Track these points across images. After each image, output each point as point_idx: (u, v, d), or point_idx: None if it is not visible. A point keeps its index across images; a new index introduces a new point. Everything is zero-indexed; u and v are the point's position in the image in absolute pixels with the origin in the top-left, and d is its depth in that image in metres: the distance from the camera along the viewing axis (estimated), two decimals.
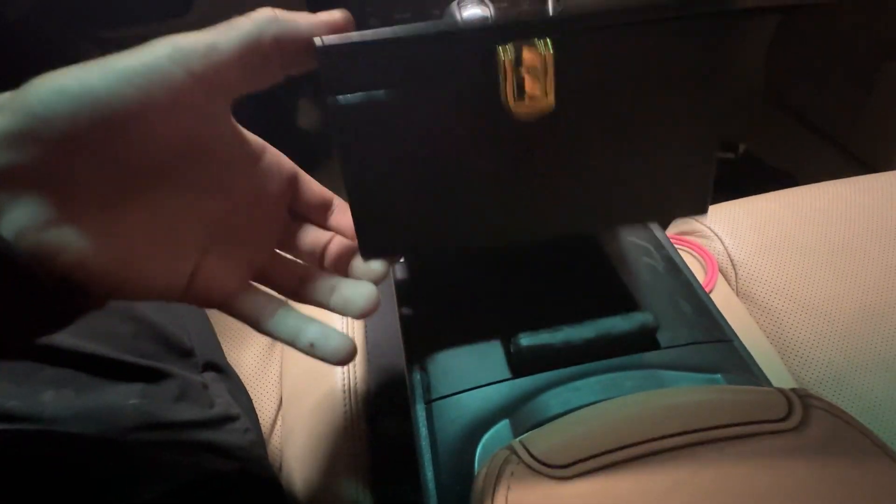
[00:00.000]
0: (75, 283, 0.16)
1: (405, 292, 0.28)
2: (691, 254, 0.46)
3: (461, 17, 0.39)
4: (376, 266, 0.22)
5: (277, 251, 0.24)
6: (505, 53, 0.18)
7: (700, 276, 0.45)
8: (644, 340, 0.25)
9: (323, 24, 0.18)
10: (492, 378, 0.24)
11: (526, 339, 0.24)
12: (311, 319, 0.21)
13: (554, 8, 0.19)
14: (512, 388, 0.24)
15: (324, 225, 0.24)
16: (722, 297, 0.43)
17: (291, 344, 0.21)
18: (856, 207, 0.48)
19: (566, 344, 0.24)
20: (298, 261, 0.24)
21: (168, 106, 0.16)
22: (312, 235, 0.24)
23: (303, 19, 0.18)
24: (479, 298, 0.27)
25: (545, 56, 0.18)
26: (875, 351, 0.40)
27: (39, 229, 0.15)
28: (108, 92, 0.15)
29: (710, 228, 0.47)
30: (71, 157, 0.15)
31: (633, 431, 0.17)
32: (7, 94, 0.14)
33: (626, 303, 0.26)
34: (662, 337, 0.25)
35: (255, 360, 0.43)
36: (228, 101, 0.18)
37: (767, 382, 0.24)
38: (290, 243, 0.24)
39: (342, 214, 0.24)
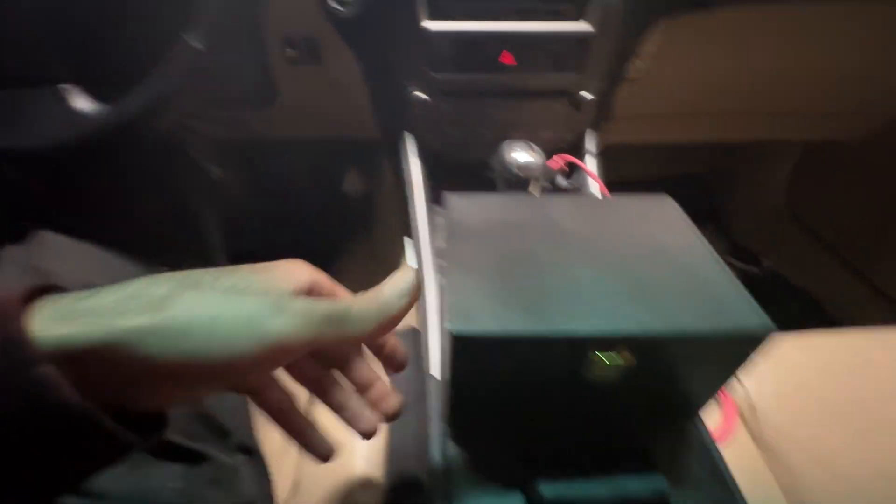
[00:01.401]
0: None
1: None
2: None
3: (509, 159, 0.44)
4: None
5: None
6: (594, 357, 0.23)
7: (717, 417, 0.45)
8: None
9: (383, 328, 0.22)
10: None
11: (547, 490, 0.25)
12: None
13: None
14: None
15: None
16: (740, 445, 0.43)
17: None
18: (877, 364, 0.48)
19: (583, 501, 0.25)
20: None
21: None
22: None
23: (372, 317, 0.21)
24: (502, 439, 0.29)
25: (623, 359, 0.23)
26: None
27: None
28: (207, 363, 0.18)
29: None
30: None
31: None
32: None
33: (643, 460, 0.27)
34: (675, 503, 0.27)
35: (280, 436, 0.45)
36: None
37: None
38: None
39: None
